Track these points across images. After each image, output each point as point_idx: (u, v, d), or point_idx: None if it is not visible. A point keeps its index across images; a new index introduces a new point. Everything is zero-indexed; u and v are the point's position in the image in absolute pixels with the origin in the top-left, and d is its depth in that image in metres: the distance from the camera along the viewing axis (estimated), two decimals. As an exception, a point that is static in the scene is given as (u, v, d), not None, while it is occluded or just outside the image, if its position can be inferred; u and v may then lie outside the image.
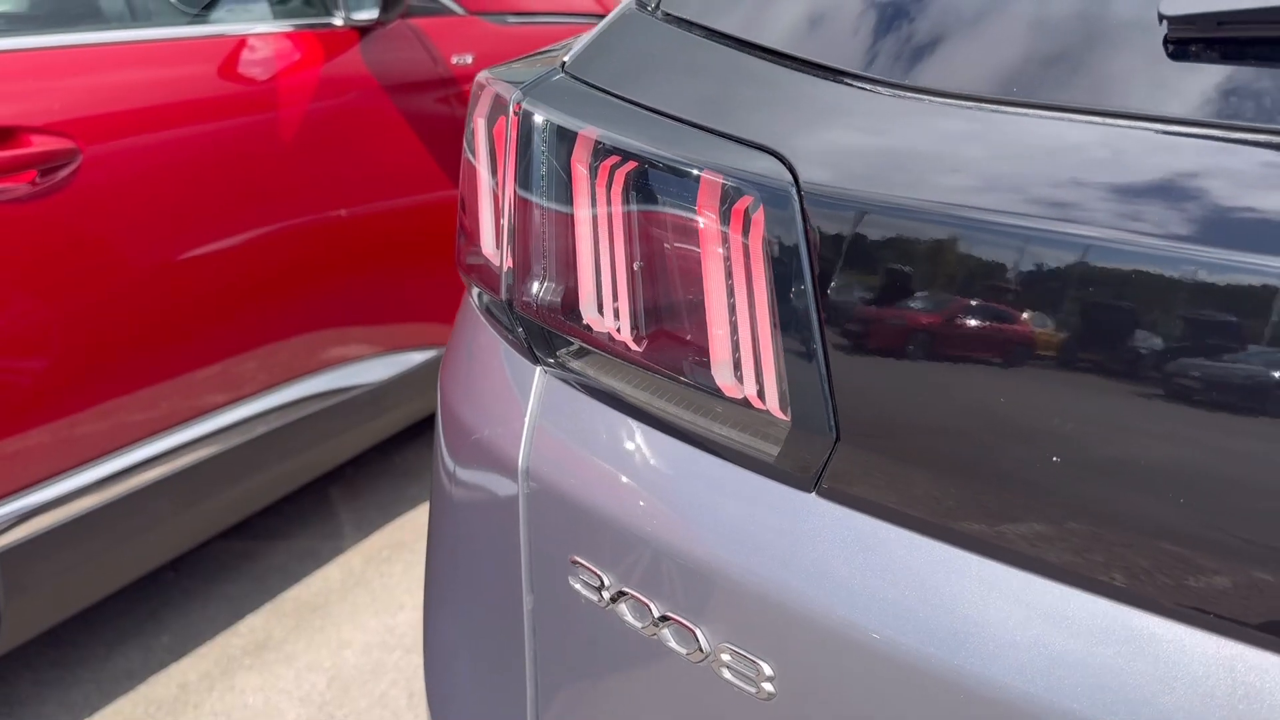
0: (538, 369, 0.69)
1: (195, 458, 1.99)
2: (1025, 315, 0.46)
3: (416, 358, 2.50)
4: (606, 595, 0.62)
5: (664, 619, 0.60)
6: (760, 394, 0.55)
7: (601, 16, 1.07)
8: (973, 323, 0.48)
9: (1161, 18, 0.45)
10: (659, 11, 0.68)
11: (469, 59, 2.54)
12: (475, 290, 0.74)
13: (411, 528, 2.61)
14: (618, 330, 0.61)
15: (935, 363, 0.49)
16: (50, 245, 1.67)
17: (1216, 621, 0.46)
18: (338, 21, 2.26)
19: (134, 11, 2.16)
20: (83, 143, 1.72)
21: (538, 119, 0.65)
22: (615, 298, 0.61)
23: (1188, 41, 0.45)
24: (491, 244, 0.69)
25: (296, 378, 2.22)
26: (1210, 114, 0.45)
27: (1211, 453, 0.44)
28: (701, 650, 0.58)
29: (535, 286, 0.65)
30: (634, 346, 0.61)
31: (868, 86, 0.53)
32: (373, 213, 2.33)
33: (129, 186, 1.82)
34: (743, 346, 0.55)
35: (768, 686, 0.56)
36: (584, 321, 0.63)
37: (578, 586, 0.65)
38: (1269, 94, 0.45)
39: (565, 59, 0.70)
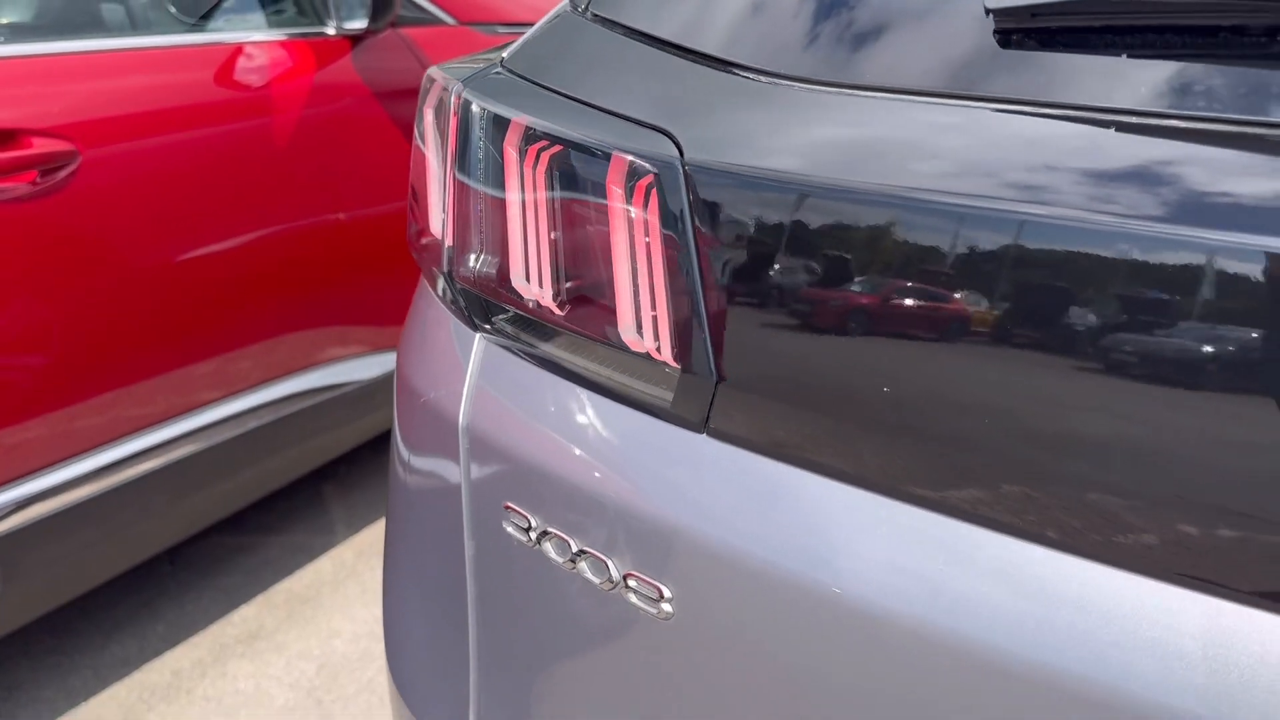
0: (477, 335, 0.76)
1: (188, 450, 2.07)
2: (857, 266, 0.53)
3: (406, 356, 2.57)
4: (533, 535, 0.70)
5: (581, 553, 0.67)
6: (658, 348, 0.62)
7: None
8: (821, 276, 0.55)
9: (988, 11, 0.52)
10: (588, 12, 0.75)
11: (458, 66, 2.62)
12: (426, 268, 0.82)
13: (402, 523, 2.67)
14: (543, 297, 0.69)
15: (796, 313, 0.56)
16: (49, 242, 1.75)
17: (1058, 539, 0.53)
18: (330, 31, 2.35)
19: (134, 20, 2.25)
20: (82, 145, 1.81)
21: (476, 108, 0.72)
22: (540, 268, 0.68)
23: (1009, 31, 0.53)
24: (437, 224, 0.77)
25: (289, 374, 2.30)
26: (1034, 94, 0.53)
27: (1025, 374, 0.51)
28: (612, 580, 0.66)
29: (472, 260, 0.73)
30: (557, 311, 0.68)
31: (748, 75, 0.61)
32: (363, 215, 2.41)
33: (126, 188, 1.90)
34: (643, 306, 0.62)
35: (666, 608, 0.63)
36: (515, 290, 0.71)
37: (510, 529, 0.72)
38: (1082, 74, 0.52)
39: (504, 55, 0.78)
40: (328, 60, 2.34)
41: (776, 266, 0.56)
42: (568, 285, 0.67)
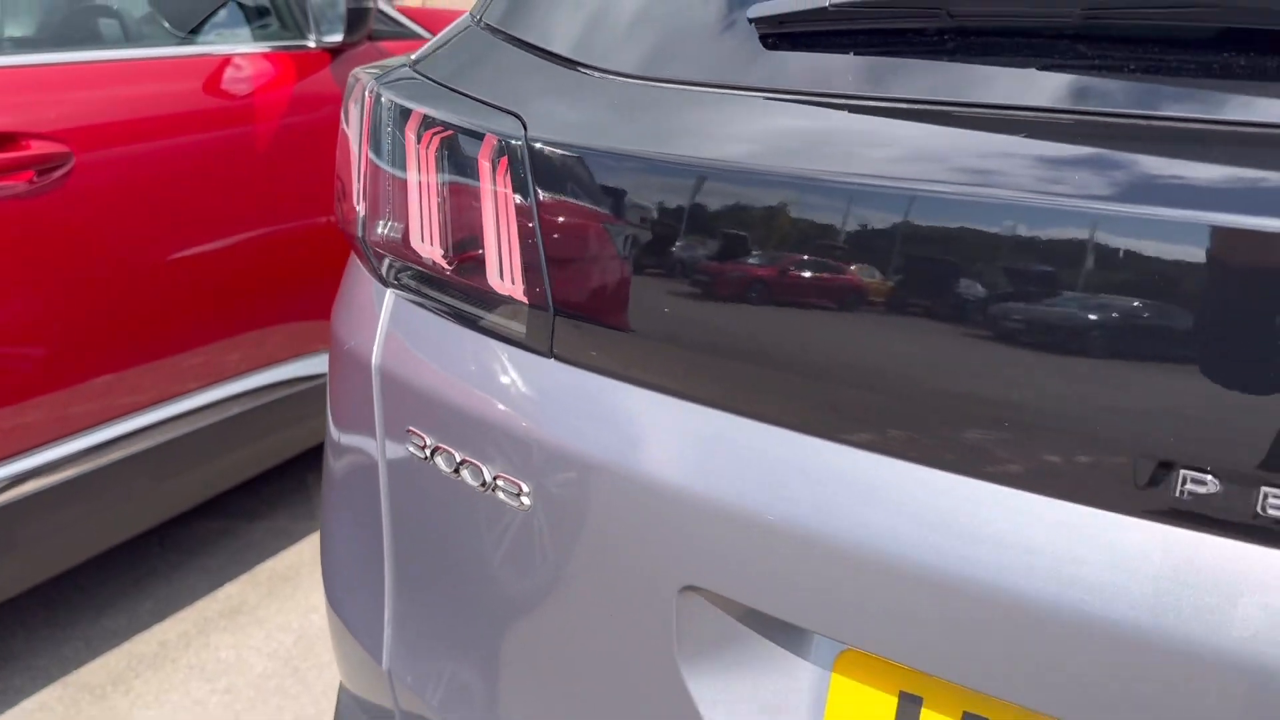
0: (387, 291, 0.92)
1: (174, 434, 2.24)
2: (657, 219, 0.69)
3: (384, 350, 2.73)
4: (427, 452, 0.85)
5: (463, 463, 0.83)
6: (515, 290, 0.78)
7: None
8: (632, 227, 0.71)
9: (750, 20, 0.68)
10: (481, 22, 0.92)
11: (434, 77, 2.79)
12: (349, 236, 0.97)
13: (379, 508, 2.83)
14: (435, 255, 0.84)
15: (613, 256, 0.72)
16: (44, 236, 1.92)
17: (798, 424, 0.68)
18: (311, 44, 2.52)
19: (128, 33, 2.43)
20: (76, 148, 1.98)
21: (385, 101, 0.89)
22: (432, 231, 0.84)
23: (767, 36, 0.68)
24: (356, 198, 0.93)
25: (273, 364, 2.46)
26: (785, 84, 0.69)
27: (767, 294, 0.67)
28: (485, 482, 0.81)
29: (381, 227, 0.89)
30: (445, 266, 0.84)
31: (585, 71, 0.77)
32: (342, 215, 2.57)
33: (116, 188, 2.07)
34: (504, 256, 0.78)
35: (525, 501, 0.79)
36: (414, 250, 0.86)
37: (411, 449, 0.88)
38: (825, 70, 0.68)
39: (413, 58, 0.94)
40: (309, 71, 2.52)
41: (597, 220, 0.71)
42: (452, 244, 0.83)
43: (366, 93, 0.91)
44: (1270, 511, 0.53)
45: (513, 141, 0.75)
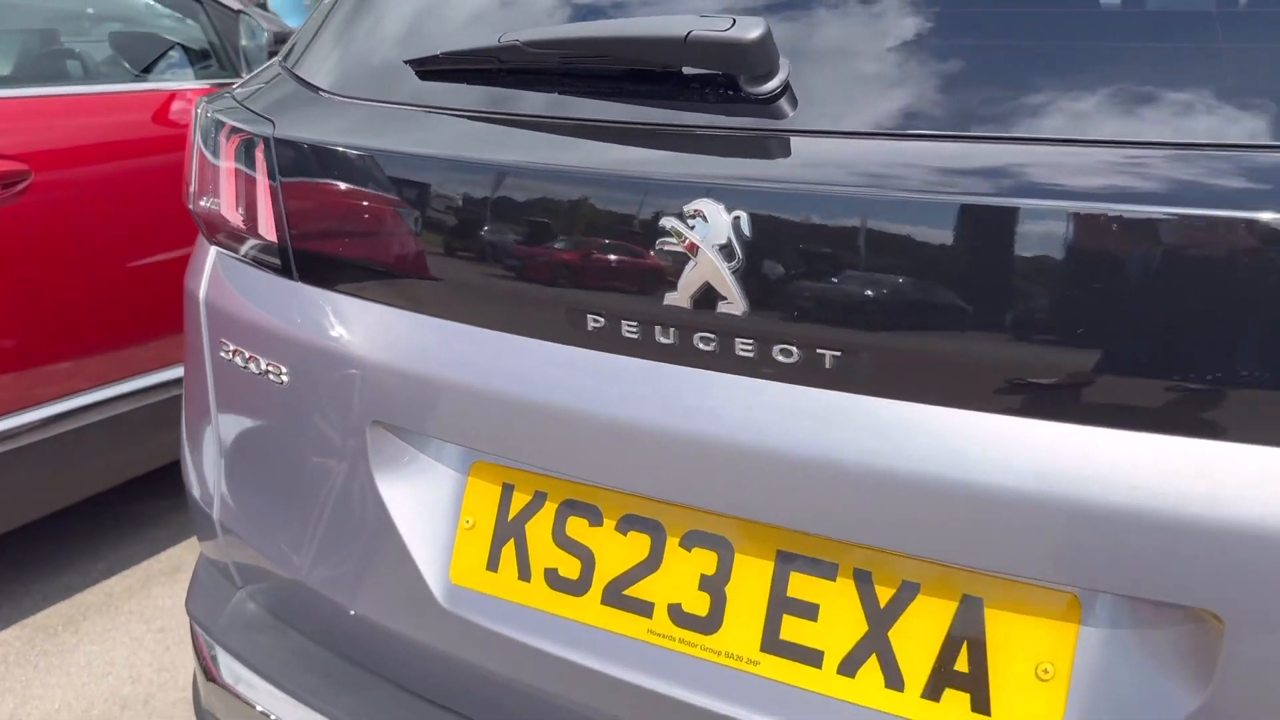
0: (212, 247, 1.34)
1: (119, 410, 2.66)
2: (355, 185, 1.11)
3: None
4: (232, 354, 1.27)
5: (251, 358, 1.24)
6: (273, 236, 1.20)
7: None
8: (341, 192, 1.13)
9: (405, 62, 1.11)
10: (282, 63, 1.35)
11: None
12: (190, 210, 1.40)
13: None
14: (235, 219, 1.27)
15: (327, 209, 1.14)
16: (4, 239, 2.36)
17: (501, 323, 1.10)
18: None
19: (88, 71, 2.88)
20: (35, 167, 2.42)
21: (210, 116, 1.31)
22: (232, 202, 1.26)
23: (427, 72, 1.11)
24: (191, 182, 1.35)
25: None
26: (436, 103, 1.11)
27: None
28: (262, 369, 1.22)
29: (205, 201, 1.31)
30: (241, 226, 1.26)
31: (320, 92, 1.20)
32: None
33: (69, 200, 2.51)
34: (264, 215, 1.20)
35: (285, 378, 1.20)
36: (225, 218, 1.28)
37: (224, 355, 1.29)
38: (456, 92, 1.10)
39: (236, 88, 1.37)
40: (243, 103, 2.96)
41: (318, 187, 1.13)
42: (243, 210, 1.25)
43: (198, 110, 1.34)
44: (702, 345, 0.94)
45: (266, 138, 1.18)
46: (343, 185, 1.13)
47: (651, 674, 1.01)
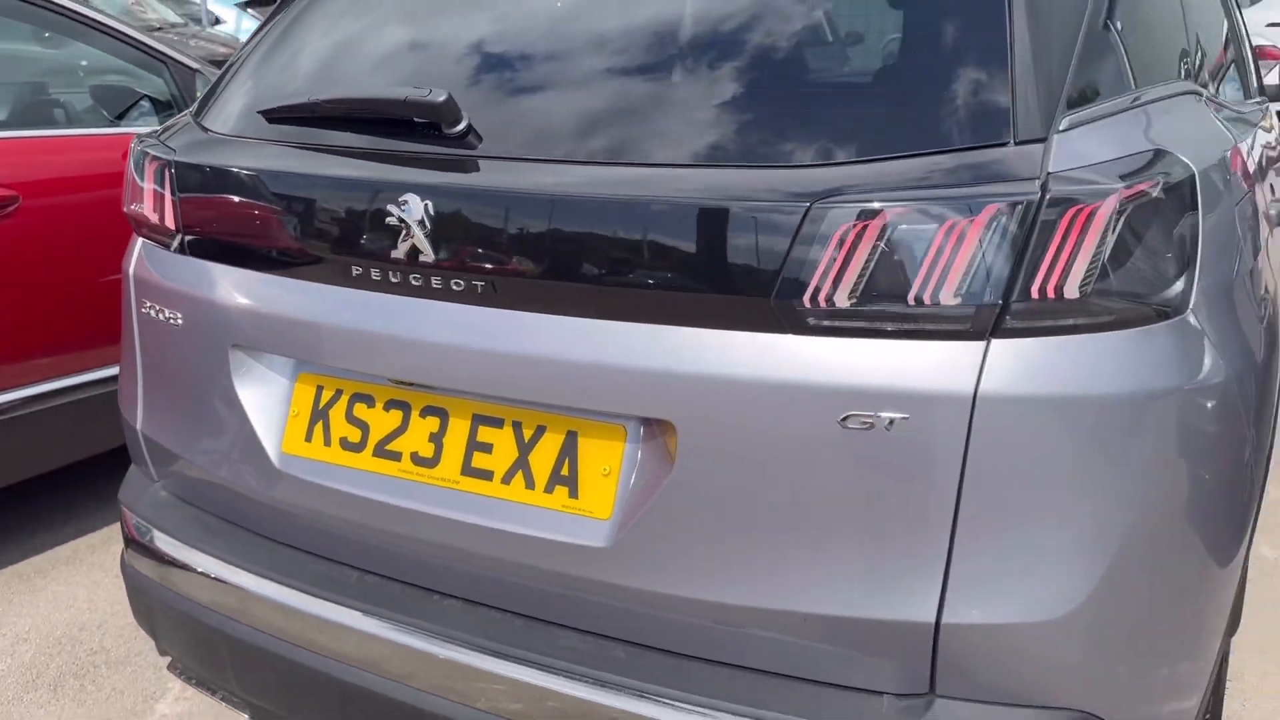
0: (139, 238, 1.98)
1: (87, 394, 3.28)
2: (226, 192, 1.74)
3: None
4: (153, 312, 1.89)
5: (159, 309, 1.86)
6: (170, 225, 1.83)
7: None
8: (216, 197, 1.76)
9: (258, 112, 1.75)
10: (191, 111, 1.99)
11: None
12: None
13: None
14: (153, 218, 1.89)
15: (207, 208, 1.77)
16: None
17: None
18: (201, 124, 3.63)
19: (70, 117, 3.54)
20: (23, 194, 3.06)
21: (139, 149, 1.95)
22: (149, 206, 1.90)
23: (275, 118, 1.74)
24: (126, 193, 1.98)
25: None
26: (271, 137, 1.74)
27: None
28: (166, 317, 1.85)
29: (135, 206, 1.94)
30: (156, 221, 1.89)
31: (209, 131, 1.84)
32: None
33: (52, 223, 3.15)
34: (168, 212, 1.83)
35: (179, 320, 1.83)
36: (147, 216, 1.91)
37: (143, 310, 1.92)
38: (285, 131, 1.74)
39: (160, 131, 2.01)
40: (199, 144, 3.62)
41: (201, 195, 1.77)
42: (152, 209, 1.88)
43: (133, 145, 1.98)
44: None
45: (171, 162, 1.82)
46: (216, 193, 1.77)
47: (399, 496, 1.62)
